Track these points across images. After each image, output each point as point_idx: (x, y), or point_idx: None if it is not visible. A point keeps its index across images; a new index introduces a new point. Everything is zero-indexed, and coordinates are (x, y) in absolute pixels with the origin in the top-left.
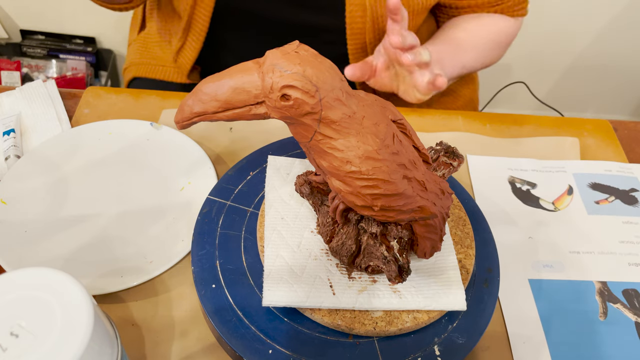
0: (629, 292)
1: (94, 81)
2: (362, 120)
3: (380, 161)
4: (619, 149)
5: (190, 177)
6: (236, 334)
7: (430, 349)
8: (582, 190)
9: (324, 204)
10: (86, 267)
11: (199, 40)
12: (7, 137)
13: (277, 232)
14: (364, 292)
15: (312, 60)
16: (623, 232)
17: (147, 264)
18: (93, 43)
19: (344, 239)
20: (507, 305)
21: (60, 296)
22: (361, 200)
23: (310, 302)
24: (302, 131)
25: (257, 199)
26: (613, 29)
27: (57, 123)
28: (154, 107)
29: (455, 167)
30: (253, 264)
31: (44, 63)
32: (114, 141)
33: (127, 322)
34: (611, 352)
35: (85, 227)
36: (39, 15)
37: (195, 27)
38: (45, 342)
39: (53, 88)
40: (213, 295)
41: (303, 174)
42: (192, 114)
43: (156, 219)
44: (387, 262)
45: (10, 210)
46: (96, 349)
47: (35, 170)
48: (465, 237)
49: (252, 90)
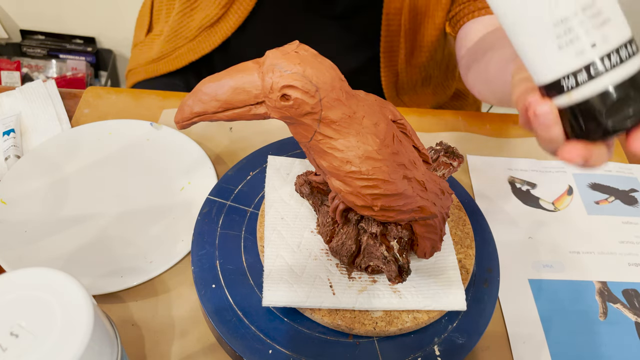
0: (629, 292)
1: (93, 81)
2: (362, 120)
3: (380, 161)
4: (619, 149)
5: (190, 177)
6: (236, 334)
7: (430, 349)
8: (582, 191)
9: (324, 204)
10: (86, 267)
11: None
12: (7, 137)
13: (277, 232)
14: (364, 292)
15: (312, 60)
16: (623, 232)
17: (147, 264)
18: (93, 43)
19: (344, 239)
20: (507, 305)
21: (60, 296)
22: (361, 200)
23: (310, 302)
24: (302, 131)
25: (257, 199)
26: None
27: (57, 123)
28: (154, 107)
29: (455, 167)
30: (253, 264)
31: (44, 63)
32: (114, 141)
33: (127, 322)
34: (611, 352)
35: (85, 227)
36: (39, 15)
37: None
38: (45, 342)
39: (53, 88)
40: (213, 295)
41: (303, 174)
42: (192, 114)
43: (156, 219)
44: (387, 262)
45: (10, 210)
46: (96, 349)
47: (35, 171)
48: (465, 237)
49: (252, 90)
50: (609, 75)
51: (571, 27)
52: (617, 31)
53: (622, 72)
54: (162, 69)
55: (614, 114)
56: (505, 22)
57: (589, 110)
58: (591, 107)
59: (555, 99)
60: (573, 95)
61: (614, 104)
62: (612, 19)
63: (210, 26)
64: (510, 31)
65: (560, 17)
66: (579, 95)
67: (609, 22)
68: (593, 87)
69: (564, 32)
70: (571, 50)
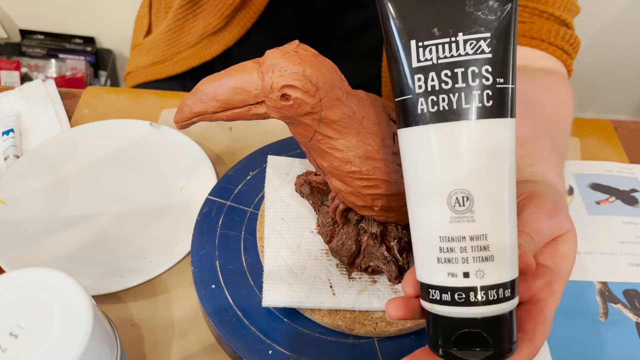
0: (630, 293)
1: (93, 81)
2: (362, 120)
3: (380, 161)
4: (619, 149)
5: (190, 177)
6: (236, 335)
7: None
8: (582, 191)
9: (324, 204)
10: (86, 267)
11: (246, 25)
12: (6, 137)
13: (277, 232)
14: (364, 293)
15: (312, 60)
16: (624, 232)
17: (147, 264)
18: (92, 43)
19: (344, 239)
20: None
21: (60, 296)
22: (361, 200)
23: (310, 302)
24: (302, 131)
25: (257, 199)
26: (613, 28)
27: (56, 123)
28: (153, 107)
29: None
30: (253, 264)
31: (43, 63)
32: (114, 141)
33: (126, 322)
34: (612, 353)
35: (85, 227)
36: (38, 15)
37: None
38: (44, 342)
39: (52, 88)
40: (213, 296)
41: (303, 174)
42: (191, 113)
43: (156, 219)
44: (388, 263)
45: (10, 211)
46: (95, 349)
47: (35, 170)
48: None
49: (252, 90)
50: (466, 309)
51: (453, 248)
52: (496, 271)
53: (483, 310)
54: (162, 73)
55: (456, 344)
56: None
57: (442, 326)
58: (444, 325)
59: (423, 298)
60: (434, 306)
61: (461, 335)
62: (497, 258)
63: (212, 34)
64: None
65: (448, 234)
66: (438, 309)
67: (493, 259)
68: (450, 310)
69: (446, 249)
70: (445, 269)
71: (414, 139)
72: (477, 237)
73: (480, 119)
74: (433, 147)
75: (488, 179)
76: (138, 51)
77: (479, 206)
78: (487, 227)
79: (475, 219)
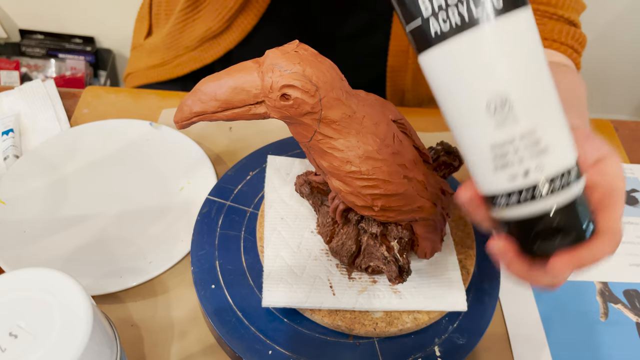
0: (630, 293)
1: (93, 81)
2: (362, 120)
3: (380, 161)
4: (619, 149)
5: (189, 177)
6: (236, 335)
7: (430, 349)
8: None
9: (324, 204)
10: (85, 267)
11: (247, 28)
12: (5, 137)
13: (277, 232)
14: (364, 293)
15: (312, 59)
16: (624, 232)
17: (147, 264)
18: (92, 43)
19: (344, 239)
20: (508, 305)
21: (60, 297)
22: (361, 201)
23: (310, 302)
24: (302, 131)
25: (257, 199)
26: (613, 28)
27: (56, 123)
28: (153, 107)
29: (455, 167)
30: (253, 265)
31: (42, 63)
32: (113, 141)
33: (126, 322)
34: (612, 353)
35: (85, 227)
36: (38, 14)
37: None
38: (44, 342)
39: (52, 88)
40: (212, 296)
41: (303, 174)
42: (191, 113)
43: (156, 219)
44: (388, 263)
45: (9, 211)
46: (95, 350)
47: (34, 170)
48: (466, 238)
49: (252, 89)
50: (537, 204)
51: (506, 152)
52: (555, 161)
53: (552, 201)
54: (163, 75)
55: (536, 241)
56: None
57: (517, 229)
58: (519, 228)
59: (491, 209)
60: (504, 212)
61: (539, 232)
62: (552, 147)
63: (213, 38)
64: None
65: (497, 141)
66: (509, 214)
67: (548, 151)
68: (521, 211)
69: (499, 155)
70: (504, 173)
71: (436, 60)
72: (526, 134)
73: (494, 18)
74: (457, 62)
75: (519, 74)
76: (138, 52)
77: (518, 104)
78: (532, 121)
79: (518, 117)
